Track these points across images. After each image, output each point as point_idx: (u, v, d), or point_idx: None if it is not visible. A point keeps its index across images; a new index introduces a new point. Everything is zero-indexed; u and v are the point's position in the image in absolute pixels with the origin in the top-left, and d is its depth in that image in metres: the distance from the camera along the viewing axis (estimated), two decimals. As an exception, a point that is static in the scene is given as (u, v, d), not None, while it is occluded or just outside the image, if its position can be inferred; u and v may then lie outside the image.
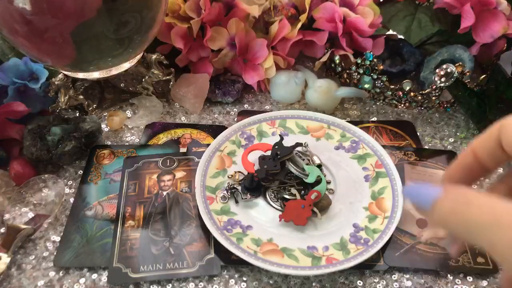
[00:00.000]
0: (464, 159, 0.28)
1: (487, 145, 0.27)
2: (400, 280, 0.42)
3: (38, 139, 0.50)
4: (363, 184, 0.49)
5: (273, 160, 0.48)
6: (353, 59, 0.60)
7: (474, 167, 0.28)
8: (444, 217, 0.23)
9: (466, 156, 0.28)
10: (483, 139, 0.27)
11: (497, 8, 0.58)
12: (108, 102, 0.60)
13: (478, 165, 0.28)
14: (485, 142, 0.27)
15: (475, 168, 0.28)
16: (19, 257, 0.44)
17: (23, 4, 0.43)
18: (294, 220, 0.44)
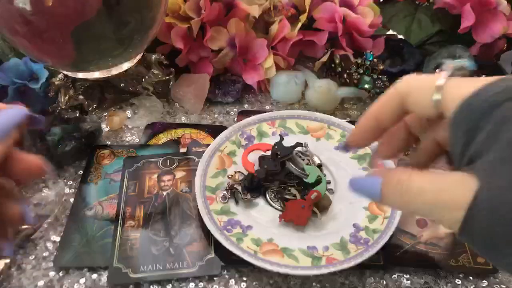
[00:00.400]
0: (366, 122, 0.32)
1: (389, 109, 0.30)
2: (400, 280, 0.42)
3: (38, 139, 0.50)
4: (363, 184, 0.49)
5: (273, 160, 0.48)
6: (353, 59, 0.61)
7: (376, 127, 0.32)
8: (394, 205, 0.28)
9: (367, 119, 0.31)
10: (383, 104, 0.31)
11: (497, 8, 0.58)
12: (108, 102, 0.60)
13: (379, 125, 0.31)
14: (386, 107, 0.30)
15: (376, 128, 0.32)
16: (19, 257, 0.44)
17: (23, 4, 0.43)
18: (295, 220, 0.44)
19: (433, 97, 0.27)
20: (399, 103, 0.30)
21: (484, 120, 0.25)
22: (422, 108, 0.28)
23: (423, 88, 0.28)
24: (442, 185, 0.26)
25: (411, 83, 0.29)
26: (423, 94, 0.28)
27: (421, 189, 0.26)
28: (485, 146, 0.25)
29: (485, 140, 0.25)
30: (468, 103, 0.25)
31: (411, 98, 0.29)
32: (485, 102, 0.25)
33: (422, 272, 0.43)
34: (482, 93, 0.25)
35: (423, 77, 0.29)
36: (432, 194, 0.26)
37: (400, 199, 0.27)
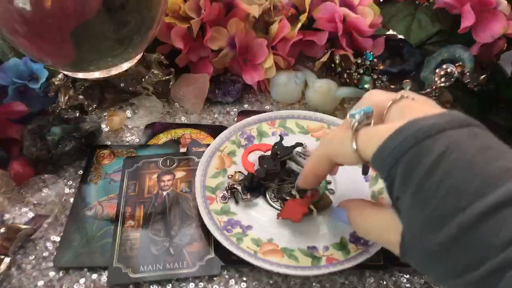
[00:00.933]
0: (311, 180, 0.39)
1: (324, 168, 0.37)
2: (400, 280, 0.42)
3: (38, 139, 0.50)
4: (363, 184, 0.49)
5: (273, 160, 0.48)
6: (353, 59, 0.60)
7: (319, 179, 0.39)
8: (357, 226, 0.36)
9: (310, 179, 0.39)
10: (317, 167, 0.37)
11: (497, 8, 0.58)
12: (108, 102, 0.60)
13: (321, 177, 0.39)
14: (320, 168, 0.37)
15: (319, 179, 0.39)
16: (19, 257, 0.44)
17: (23, 4, 0.43)
18: (292, 217, 0.43)
19: (354, 154, 0.31)
20: (330, 163, 0.35)
21: (394, 169, 0.28)
22: (349, 160, 0.32)
23: (343, 151, 0.33)
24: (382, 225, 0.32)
25: (332, 148, 0.35)
26: (345, 154, 0.32)
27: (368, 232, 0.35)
28: (401, 192, 0.28)
29: (400, 186, 0.28)
30: (377, 156, 0.29)
31: (337, 158, 0.34)
32: (389, 156, 0.28)
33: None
34: (386, 147, 0.28)
35: (338, 141, 0.34)
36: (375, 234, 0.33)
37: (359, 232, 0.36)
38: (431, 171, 0.26)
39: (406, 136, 0.27)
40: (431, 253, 0.26)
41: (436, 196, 0.26)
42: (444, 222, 0.25)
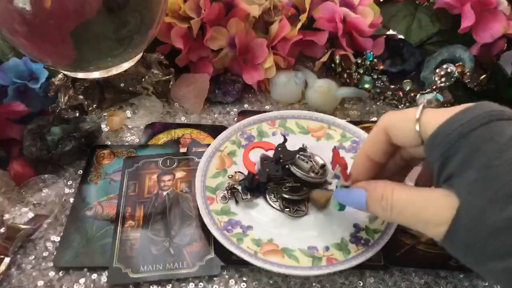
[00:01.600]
0: (362, 164, 0.35)
1: (377, 147, 0.34)
2: (400, 280, 0.42)
3: (38, 139, 0.50)
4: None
5: (275, 163, 0.48)
6: (353, 59, 0.60)
7: (372, 166, 0.35)
8: (378, 215, 0.33)
9: (362, 162, 0.35)
10: (371, 144, 0.34)
11: (497, 8, 0.58)
12: (108, 102, 0.60)
13: (375, 164, 0.35)
14: (373, 145, 0.34)
15: (372, 166, 0.35)
16: (19, 257, 0.44)
17: (23, 4, 0.43)
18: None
19: (414, 127, 0.30)
20: (386, 139, 0.33)
21: (458, 144, 0.28)
22: (405, 139, 0.31)
23: (403, 121, 0.31)
24: (425, 202, 0.29)
25: (392, 118, 0.33)
26: (404, 126, 0.31)
27: (405, 207, 0.30)
28: (461, 167, 0.27)
29: (461, 162, 0.27)
30: (442, 129, 0.28)
31: (394, 131, 0.32)
32: (459, 128, 0.28)
33: (422, 272, 0.43)
34: (455, 120, 0.28)
35: (401, 112, 0.32)
36: (416, 211, 0.30)
37: (384, 213, 0.31)
38: (506, 148, 0.26)
39: (480, 113, 0.28)
40: (495, 230, 0.26)
41: (509, 173, 0.26)
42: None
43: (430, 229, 0.29)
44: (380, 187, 0.32)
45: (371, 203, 0.33)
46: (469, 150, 0.27)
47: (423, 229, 0.29)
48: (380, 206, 0.31)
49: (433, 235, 0.29)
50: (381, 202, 0.31)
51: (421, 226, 0.30)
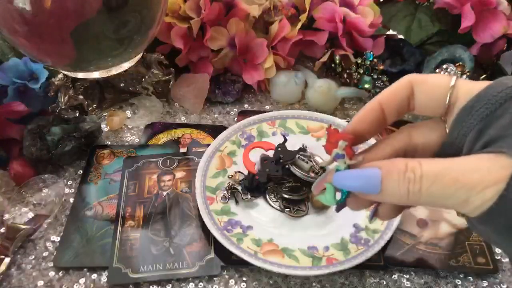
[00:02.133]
0: (371, 113, 0.29)
1: (396, 99, 0.29)
2: (400, 280, 0.42)
3: (38, 139, 0.50)
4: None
5: (275, 163, 0.48)
6: (353, 59, 0.60)
7: (379, 120, 0.29)
8: (396, 196, 0.25)
9: (373, 109, 0.29)
10: (391, 94, 0.29)
11: (497, 8, 0.58)
12: (108, 102, 0.60)
13: (382, 118, 0.29)
14: (393, 96, 0.29)
15: (379, 120, 0.29)
16: (19, 257, 0.44)
17: (23, 4, 0.43)
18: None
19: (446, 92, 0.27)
20: (407, 94, 0.28)
21: (502, 108, 0.24)
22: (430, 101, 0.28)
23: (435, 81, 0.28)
24: (467, 164, 0.24)
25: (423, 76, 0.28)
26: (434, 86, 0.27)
27: (440, 174, 0.24)
28: (508, 129, 0.24)
29: (507, 124, 0.24)
30: (483, 94, 0.25)
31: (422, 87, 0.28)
32: (503, 93, 0.25)
33: (422, 272, 0.43)
34: (496, 87, 0.25)
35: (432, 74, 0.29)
36: (455, 176, 0.24)
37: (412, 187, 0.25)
38: None
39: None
40: None
41: None
42: None
43: (474, 197, 0.23)
44: (401, 161, 0.25)
45: (389, 179, 0.25)
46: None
47: (464, 198, 0.23)
48: (405, 179, 0.24)
49: (473, 206, 0.23)
50: (406, 174, 0.24)
51: (462, 195, 0.23)
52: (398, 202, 0.26)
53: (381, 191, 0.25)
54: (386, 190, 0.25)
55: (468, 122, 0.26)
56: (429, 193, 0.24)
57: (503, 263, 0.44)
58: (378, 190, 0.25)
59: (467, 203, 0.23)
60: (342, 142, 0.29)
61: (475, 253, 0.44)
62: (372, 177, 0.26)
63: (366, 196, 0.27)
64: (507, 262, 0.44)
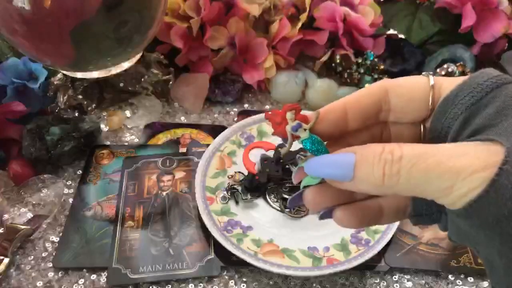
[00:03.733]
0: (333, 113, 0.26)
1: (363, 103, 0.26)
2: (401, 280, 0.42)
3: (37, 139, 0.50)
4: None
5: (275, 163, 0.47)
6: (354, 59, 0.60)
7: (339, 122, 0.27)
8: (370, 182, 0.22)
9: (335, 109, 0.26)
10: (359, 96, 0.26)
11: (498, 7, 0.58)
12: (107, 102, 0.60)
13: (343, 121, 0.27)
14: (361, 99, 0.26)
15: (339, 123, 0.27)
16: (18, 257, 0.44)
17: (22, 4, 0.43)
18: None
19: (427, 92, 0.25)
20: (379, 99, 0.26)
21: (487, 97, 0.23)
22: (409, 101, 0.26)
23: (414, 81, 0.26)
24: (453, 149, 0.22)
25: (398, 79, 0.26)
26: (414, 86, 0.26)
27: (422, 156, 0.21)
28: (496, 118, 0.22)
29: (494, 114, 0.23)
30: (467, 84, 0.24)
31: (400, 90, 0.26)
32: (487, 82, 0.24)
33: (423, 272, 0.43)
34: (480, 77, 0.24)
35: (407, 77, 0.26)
36: (440, 159, 0.21)
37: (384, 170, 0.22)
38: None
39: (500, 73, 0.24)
40: None
41: None
42: None
43: (460, 183, 0.20)
44: (378, 144, 0.23)
45: (363, 161, 0.22)
46: (503, 103, 0.23)
47: (448, 185, 0.21)
48: (380, 160, 0.22)
49: (461, 192, 0.21)
50: (383, 155, 0.22)
51: (446, 181, 0.21)
52: (372, 189, 0.23)
53: (354, 177, 0.23)
54: (359, 176, 0.23)
55: (452, 112, 0.24)
56: (409, 176, 0.21)
57: (504, 263, 0.43)
58: (350, 176, 0.23)
59: (451, 190, 0.21)
60: (289, 113, 0.26)
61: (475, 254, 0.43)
62: (345, 162, 0.23)
63: (339, 185, 0.24)
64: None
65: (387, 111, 0.26)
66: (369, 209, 0.27)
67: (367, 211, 0.27)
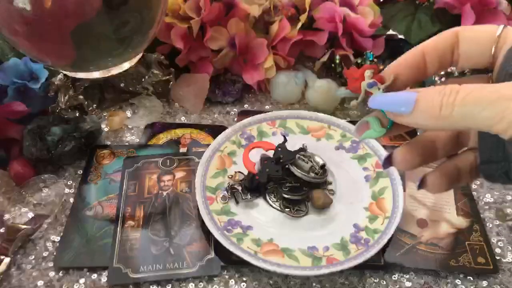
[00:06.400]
0: (413, 57, 0.29)
1: (440, 47, 0.28)
2: (400, 280, 0.42)
3: (38, 139, 0.50)
4: (363, 184, 0.49)
5: (275, 163, 0.48)
6: (353, 59, 0.60)
7: (419, 67, 0.29)
8: (428, 113, 0.24)
9: (415, 54, 0.29)
10: (436, 42, 0.29)
11: (497, 8, 0.59)
12: (108, 102, 0.60)
13: (423, 66, 0.29)
14: (438, 45, 0.28)
15: (419, 68, 0.29)
16: (19, 257, 0.44)
17: (23, 4, 0.43)
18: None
19: (497, 33, 0.26)
20: (452, 43, 0.28)
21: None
22: (475, 48, 0.27)
23: (483, 29, 0.28)
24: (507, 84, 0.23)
25: (469, 26, 0.28)
26: (482, 32, 0.27)
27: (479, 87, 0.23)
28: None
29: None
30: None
31: (469, 34, 0.28)
32: None
33: (422, 272, 0.43)
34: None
35: (481, 25, 0.28)
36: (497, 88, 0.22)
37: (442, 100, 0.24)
38: None
39: None
40: None
41: None
42: None
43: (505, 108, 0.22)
44: (440, 86, 0.25)
45: (424, 97, 0.25)
46: None
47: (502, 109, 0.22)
48: (440, 93, 0.24)
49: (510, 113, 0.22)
50: (443, 90, 0.24)
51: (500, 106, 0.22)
52: (430, 122, 0.25)
53: (413, 109, 0.25)
54: (418, 108, 0.25)
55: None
56: (463, 103, 0.23)
57: (503, 263, 0.44)
58: (411, 108, 0.25)
59: (502, 115, 0.22)
60: (368, 71, 0.28)
61: (475, 253, 0.44)
62: (408, 97, 0.25)
63: (400, 118, 0.26)
64: (507, 262, 0.44)
65: (458, 55, 0.28)
66: (448, 170, 0.31)
67: (448, 171, 0.31)
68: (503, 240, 0.46)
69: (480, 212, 0.48)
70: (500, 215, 0.48)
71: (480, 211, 0.48)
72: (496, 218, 0.48)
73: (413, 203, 0.48)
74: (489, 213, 0.48)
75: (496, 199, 0.49)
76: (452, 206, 0.48)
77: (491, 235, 0.46)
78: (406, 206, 0.46)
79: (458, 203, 0.48)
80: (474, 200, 0.49)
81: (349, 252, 0.42)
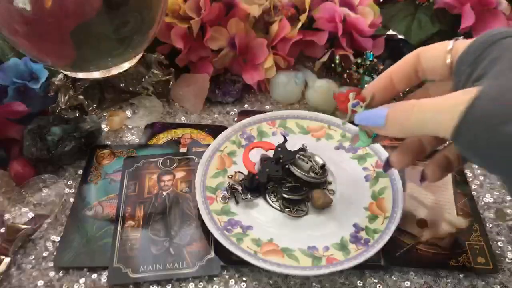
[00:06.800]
0: (383, 80, 0.35)
1: (403, 69, 0.34)
2: (400, 280, 0.42)
3: (38, 139, 0.50)
4: (363, 184, 0.49)
5: (275, 163, 0.48)
6: (353, 59, 0.60)
7: (388, 87, 0.35)
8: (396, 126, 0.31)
9: (385, 77, 0.35)
10: (399, 66, 0.35)
11: (497, 8, 0.59)
12: (108, 102, 0.60)
13: (391, 87, 0.35)
14: (401, 67, 0.35)
15: (388, 88, 0.35)
16: (19, 257, 0.44)
17: (23, 4, 0.43)
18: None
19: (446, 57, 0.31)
20: (414, 63, 0.33)
21: (485, 52, 0.29)
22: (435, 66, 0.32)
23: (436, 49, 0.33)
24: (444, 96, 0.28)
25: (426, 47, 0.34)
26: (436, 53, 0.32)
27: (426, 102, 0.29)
28: (487, 68, 0.28)
29: (487, 64, 0.28)
30: (472, 44, 0.30)
31: (427, 54, 0.33)
32: (486, 40, 0.29)
33: (422, 272, 0.43)
34: (482, 37, 0.30)
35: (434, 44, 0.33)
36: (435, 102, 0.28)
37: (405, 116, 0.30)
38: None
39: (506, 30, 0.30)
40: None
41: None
42: None
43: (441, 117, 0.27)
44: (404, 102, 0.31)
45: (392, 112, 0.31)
46: (496, 54, 0.28)
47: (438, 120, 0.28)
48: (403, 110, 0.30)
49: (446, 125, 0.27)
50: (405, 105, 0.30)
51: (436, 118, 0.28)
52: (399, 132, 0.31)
53: (385, 123, 0.31)
54: (389, 123, 0.31)
55: (461, 69, 0.30)
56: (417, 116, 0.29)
57: (503, 263, 0.44)
58: (383, 121, 0.31)
59: (440, 124, 0.28)
60: (352, 94, 0.36)
61: (475, 253, 0.44)
62: (380, 113, 0.31)
63: (378, 130, 0.33)
64: (507, 262, 0.44)
65: (423, 71, 0.34)
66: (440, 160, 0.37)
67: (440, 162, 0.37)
68: (503, 240, 0.46)
69: (480, 212, 0.48)
70: (500, 215, 0.48)
71: (480, 211, 0.48)
72: (496, 218, 0.48)
73: (413, 203, 0.48)
74: (489, 213, 0.48)
75: (496, 199, 0.49)
76: (452, 206, 0.48)
77: (491, 235, 0.46)
78: (406, 206, 0.46)
79: (458, 203, 0.48)
80: (474, 200, 0.49)
81: (349, 252, 0.42)
